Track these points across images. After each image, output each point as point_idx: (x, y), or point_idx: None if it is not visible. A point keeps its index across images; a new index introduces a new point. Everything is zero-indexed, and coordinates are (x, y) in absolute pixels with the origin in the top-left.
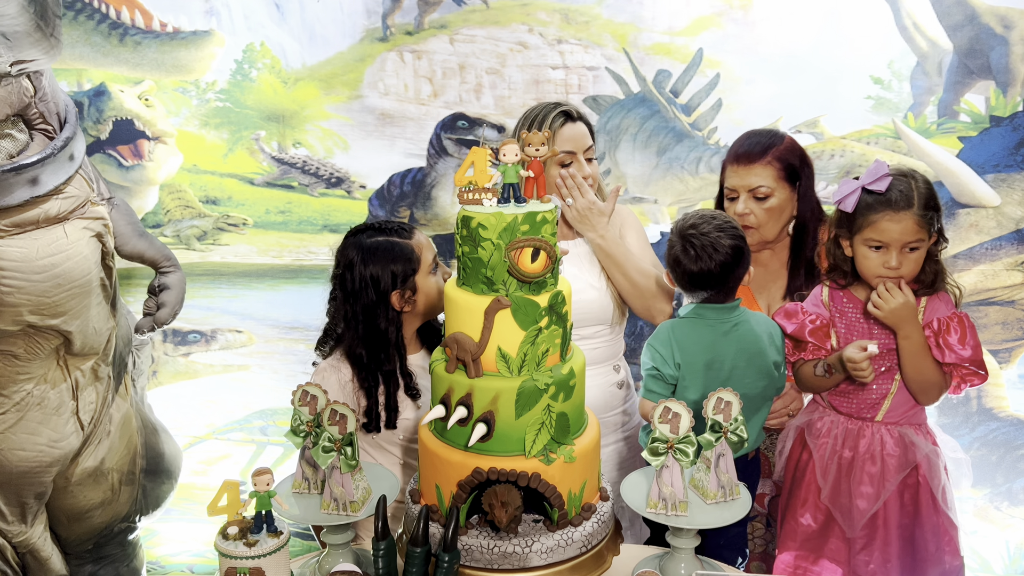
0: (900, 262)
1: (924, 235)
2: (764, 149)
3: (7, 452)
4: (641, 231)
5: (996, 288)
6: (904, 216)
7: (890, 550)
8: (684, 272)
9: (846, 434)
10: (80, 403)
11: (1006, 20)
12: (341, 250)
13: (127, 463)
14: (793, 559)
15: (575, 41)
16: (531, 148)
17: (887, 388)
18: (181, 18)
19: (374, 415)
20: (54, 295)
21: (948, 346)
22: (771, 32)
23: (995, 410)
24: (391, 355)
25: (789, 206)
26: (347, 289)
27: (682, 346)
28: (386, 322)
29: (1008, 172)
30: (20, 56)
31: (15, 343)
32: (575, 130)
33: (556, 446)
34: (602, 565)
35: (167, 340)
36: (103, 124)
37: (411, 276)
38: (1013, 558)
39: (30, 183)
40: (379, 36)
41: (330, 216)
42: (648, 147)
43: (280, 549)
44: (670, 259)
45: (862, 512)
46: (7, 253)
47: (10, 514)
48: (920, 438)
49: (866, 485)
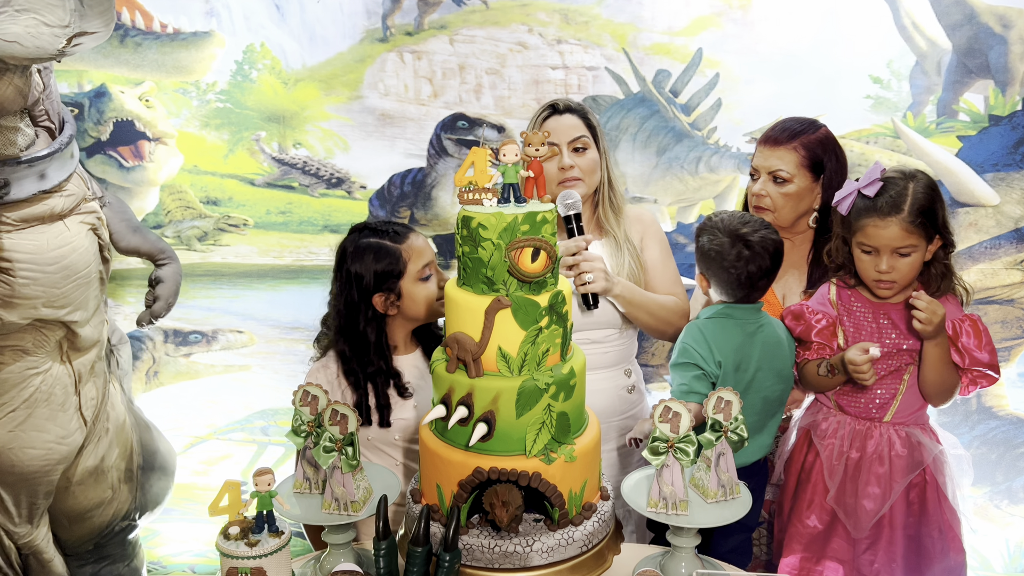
0: (891, 266)
1: (915, 240)
2: (793, 135)
3: (18, 451)
4: (664, 242)
5: (995, 287)
6: (890, 222)
7: (895, 550)
8: (738, 273)
9: (854, 435)
10: (82, 398)
11: (1005, 19)
12: (341, 245)
13: (125, 460)
14: (798, 561)
15: (575, 41)
16: (531, 148)
17: (896, 388)
18: (181, 19)
19: (363, 409)
20: (63, 286)
21: (967, 350)
22: (770, 32)
23: (995, 408)
24: (372, 354)
25: (809, 196)
26: (339, 284)
27: (717, 345)
28: (365, 322)
29: (1007, 171)
30: (85, 27)
31: (24, 337)
32: (559, 122)
33: (557, 445)
34: (603, 564)
35: (168, 341)
36: (104, 125)
37: (394, 280)
38: (1013, 556)
39: (39, 177)
40: (379, 37)
41: (331, 217)
42: (648, 147)
43: (281, 549)
44: (716, 261)
45: (869, 513)
46: (21, 246)
47: (17, 515)
48: (927, 439)
49: (873, 486)
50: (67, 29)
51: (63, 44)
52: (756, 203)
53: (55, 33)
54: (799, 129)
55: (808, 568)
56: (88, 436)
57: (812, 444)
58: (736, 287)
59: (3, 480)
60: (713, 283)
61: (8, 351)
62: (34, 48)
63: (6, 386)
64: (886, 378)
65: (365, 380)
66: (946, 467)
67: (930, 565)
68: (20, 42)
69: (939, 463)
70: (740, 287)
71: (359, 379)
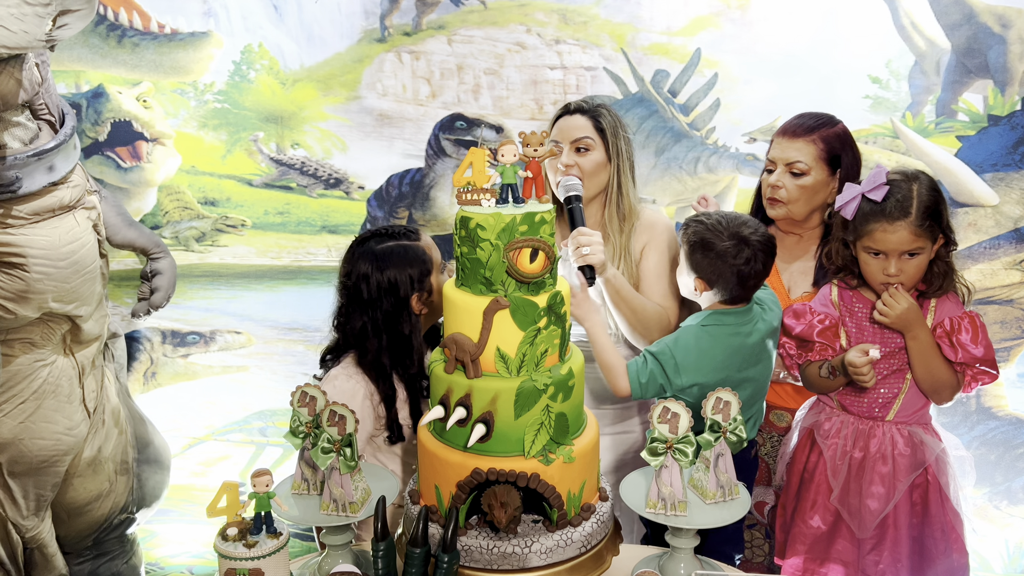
0: (900, 269)
1: (923, 242)
2: (811, 128)
3: (28, 442)
4: (665, 254)
5: (995, 287)
6: (899, 226)
7: (900, 550)
8: (740, 275)
9: (856, 434)
10: (85, 390)
11: (1004, 19)
12: (350, 261)
13: (120, 452)
14: (802, 563)
15: (573, 41)
16: (529, 148)
17: (898, 387)
18: (179, 19)
19: (396, 425)
20: (73, 281)
21: (961, 345)
22: (769, 32)
23: (994, 409)
24: (415, 359)
25: (824, 190)
26: (364, 299)
27: (702, 363)
28: (409, 326)
29: (1006, 171)
30: (68, 4)
31: (32, 330)
32: (567, 122)
33: (555, 446)
34: (601, 565)
35: (166, 341)
36: (101, 126)
37: (427, 277)
38: (1012, 557)
39: (48, 170)
40: (377, 37)
41: (328, 217)
42: (646, 147)
43: (279, 550)
44: (716, 264)
45: (873, 513)
46: (35, 241)
47: (26, 507)
48: (930, 437)
49: (877, 485)
50: (49, 7)
51: (49, 26)
52: (771, 195)
53: (38, 13)
54: (819, 123)
55: (812, 569)
56: (89, 427)
57: (815, 445)
58: (738, 287)
59: (13, 471)
60: (716, 285)
61: (18, 343)
62: (21, 32)
63: (17, 378)
64: (888, 377)
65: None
66: (948, 467)
67: (932, 566)
68: (6, 26)
69: (942, 463)
70: (742, 287)
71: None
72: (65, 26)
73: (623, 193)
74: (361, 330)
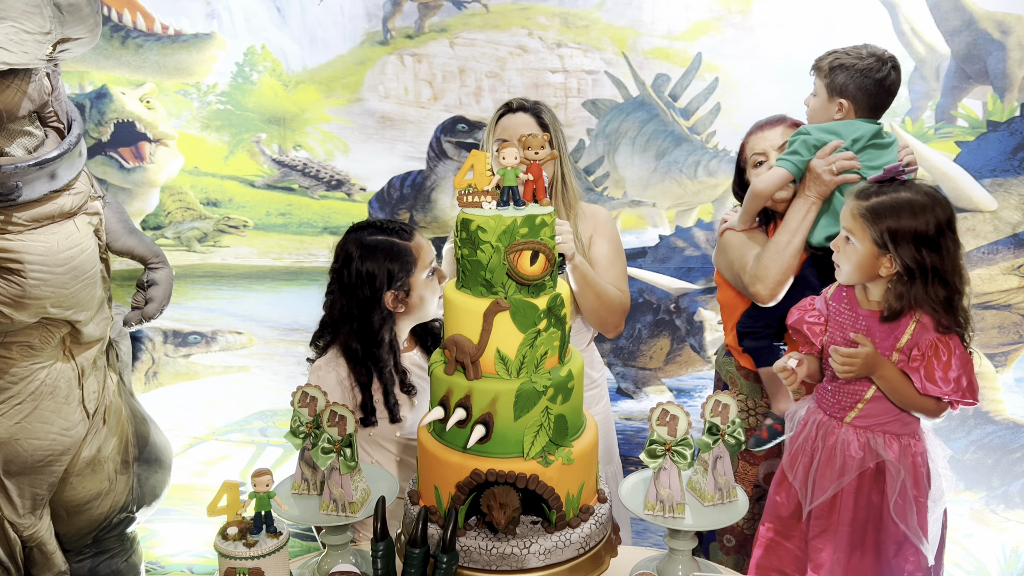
0: (837, 246)
1: (859, 231)
2: (782, 117)
3: (24, 442)
4: (615, 240)
5: (993, 292)
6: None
7: (841, 542)
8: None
9: (819, 427)
10: (85, 391)
11: (1003, 25)
12: (341, 244)
13: (120, 451)
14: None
15: (574, 45)
16: (530, 151)
17: (860, 395)
18: (183, 21)
19: (369, 409)
20: (71, 287)
21: (932, 380)
22: (769, 37)
23: (991, 413)
24: (384, 352)
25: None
26: (343, 283)
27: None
28: (380, 320)
29: (1005, 177)
30: (68, 33)
31: (31, 334)
32: (512, 120)
33: (554, 448)
34: (600, 566)
35: (168, 342)
36: (104, 126)
37: (406, 277)
38: (1008, 561)
39: (49, 177)
40: (379, 39)
41: (330, 218)
42: (647, 151)
43: (279, 550)
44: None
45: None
46: (32, 247)
47: (22, 507)
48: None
49: (827, 479)
50: (49, 36)
51: (49, 50)
52: None
53: (37, 39)
54: (784, 116)
55: (777, 542)
56: (88, 427)
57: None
58: (875, 95)
59: (8, 471)
60: (855, 98)
61: (16, 347)
62: (21, 53)
63: (14, 380)
64: (855, 382)
65: (377, 379)
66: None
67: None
68: (6, 47)
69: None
70: (881, 94)
71: (370, 378)
72: (67, 50)
73: (567, 184)
74: (340, 313)
